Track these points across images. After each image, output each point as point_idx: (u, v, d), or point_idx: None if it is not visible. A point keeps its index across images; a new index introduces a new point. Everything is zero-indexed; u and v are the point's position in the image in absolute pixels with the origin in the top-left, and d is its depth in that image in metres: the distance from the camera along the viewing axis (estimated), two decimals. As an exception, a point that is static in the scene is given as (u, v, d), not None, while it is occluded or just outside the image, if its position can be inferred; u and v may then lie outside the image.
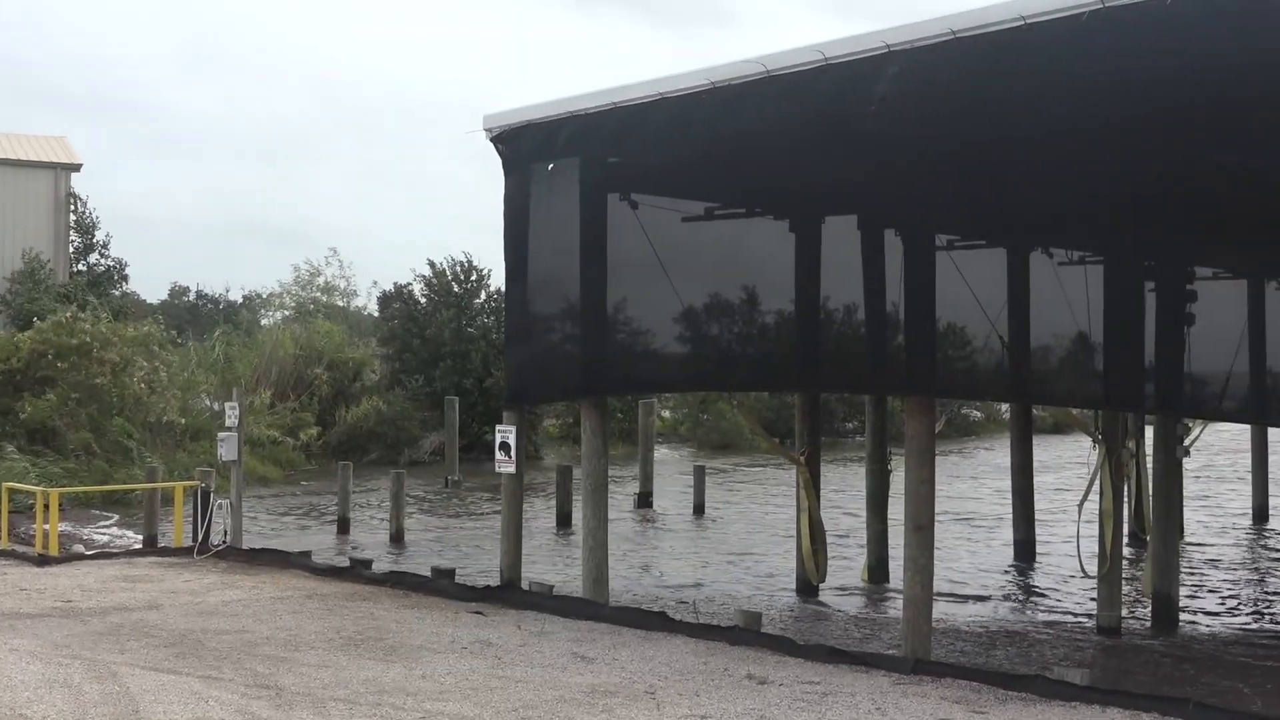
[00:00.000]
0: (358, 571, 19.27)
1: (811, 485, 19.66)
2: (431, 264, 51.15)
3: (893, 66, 14.13)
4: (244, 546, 21.57)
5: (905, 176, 14.80)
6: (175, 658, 13.48)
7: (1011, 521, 24.91)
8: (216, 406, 36.61)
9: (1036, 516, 24.91)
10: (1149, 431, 21.53)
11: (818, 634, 16.92)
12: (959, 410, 56.94)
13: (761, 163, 16.36)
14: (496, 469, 19.15)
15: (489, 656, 13.77)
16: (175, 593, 17.52)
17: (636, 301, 18.21)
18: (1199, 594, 20.92)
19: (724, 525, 29.71)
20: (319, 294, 66.26)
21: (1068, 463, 40.80)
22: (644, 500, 33.55)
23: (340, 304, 67.24)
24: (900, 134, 14.45)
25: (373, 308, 67.61)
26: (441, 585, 18.05)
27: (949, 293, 14.88)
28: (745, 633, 15.00)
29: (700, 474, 32.98)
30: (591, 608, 16.62)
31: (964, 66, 13.81)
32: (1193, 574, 22.82)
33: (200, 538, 21.21)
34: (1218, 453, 46.51)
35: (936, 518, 15.19)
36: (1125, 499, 19.13)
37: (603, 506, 17.93)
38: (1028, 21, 12.98)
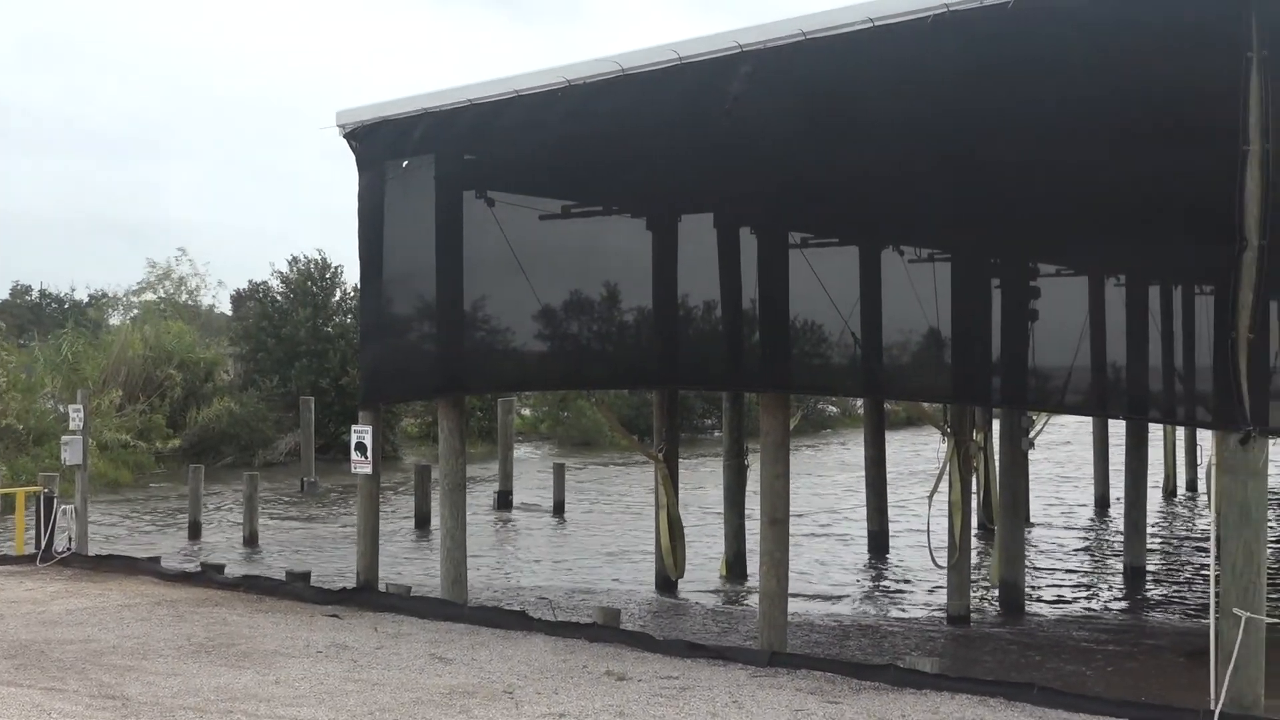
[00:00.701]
0: (209, 576, 18.82)
1: (670, 482, 19.79)
2: (291, 260, 50.34)
3: (745, 66, 14.28)
4: (90, 553, 20.90)
5: (759, 175, 14.95)
6: (15, 669, 13.01)
7: (865, 515, 25.40)
8: (62, 409, 35.47)
9: (890, 509, 25.46)
10: (997, 424, 22.10)
11: (676, 629, 17.04)
12: (815, 405, 57.92)
13: (618, 161, 16.39)
14: (352, 470, 18.92)
15: (345, 660, 13.57)
16: (16, 602, 16.91)
17: (495, 300, 18.11)
18: (1045, 581, 21.58)
19: (584, 523, 29.76)
20: (169, 293, 64.60)
21: (922, 456, 41.73)
22: (504, 499, 33.45)
23: (191, 303, 65.65)
24: (754, 133, 14.60)
25: (225, 307, 66.18)
26: (296, 589, 17.73)
27: (804, 290, 15.06)
28: (604, 629, 15.03)
29: (560, 472, 32.98)
30: (450, 608, 16.48)
31: (815, 67, 14.02)
32: (1040, 562, 23.54)
33: (43, 545, 20.51)
34: (1061, 444, 48.01)
35: (793, 512, 15.40)
36: (974, 490, 19.64)
37: (461, 506, 17.80)
38: (876, 24, 13.22)
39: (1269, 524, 12.82)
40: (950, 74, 13.28)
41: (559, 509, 31.68)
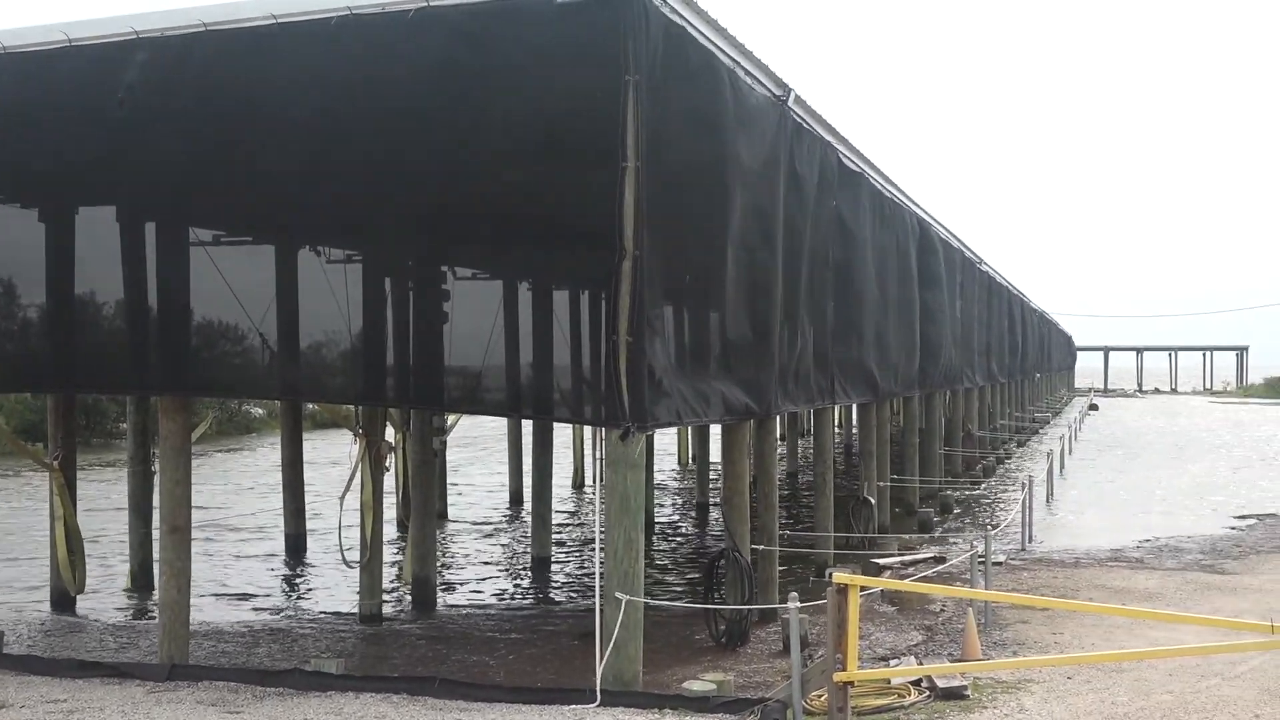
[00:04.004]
0: None
1: (66, 491, 18.50)
2: None
3: (142, 54, 13.65)
4: None
5: (160, 169, 14.34)
6: None
7: (282, 517, 25.02)
8: None
9: (309, 512, 25.24)
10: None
11: (70, 648, 15.96)
12: (241, 407, 56.31)
13: (5, 147, 15.14)
14: None
15: None
16: None
17: None
18: (458, 576, 22.22)
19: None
20: None
21: (341, 457, 41.63)
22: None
23: None
24: (155, 124, 14.00)
25: None
26: None
27: (215, 289, 14.61)
28: (-17, 655, 13.84)
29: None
30: None
31: (218, 60, 13.65)
32: (454, 558, 24.20)
33: None
34: (480, 439, 49.67)
35: (209, 517, 14.88)
36: (388, 489, 19.85)
37: None
38: (280, 21, 13.08)
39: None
40: (356, 76, 13.36)
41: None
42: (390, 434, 19.37)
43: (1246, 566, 20.87)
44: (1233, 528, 26.51)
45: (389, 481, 20.15)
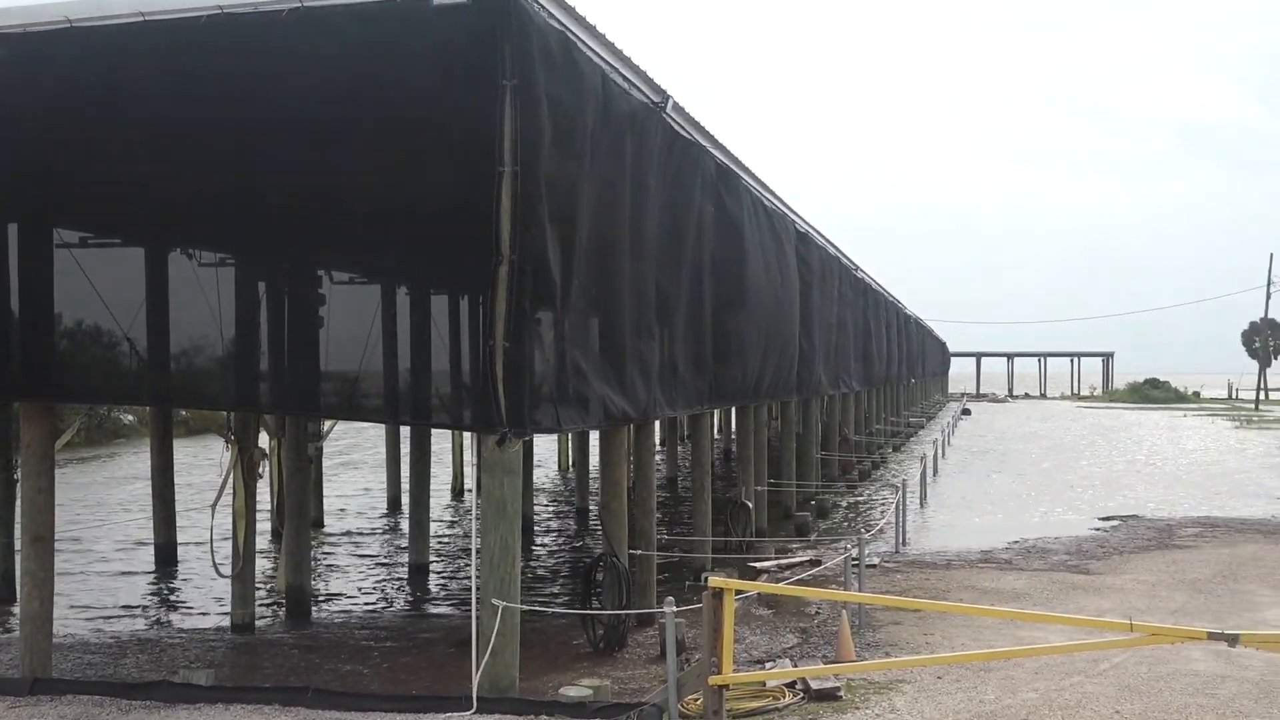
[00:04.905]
0: None
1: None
2: None
3: (2, 50, 13.24)
4: None
5: (24, 168, 13.94)
6: None
7: (152, 526, 24.45)
8: None
9: (179, 520, 24.70)
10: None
11: (-75, 664, 15.41)
12: (109, 413, 54.90)
13: None
14: None
15: None
16: None
17: None
18: (334, 584, 21.92)
19: None
20: None
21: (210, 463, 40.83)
22: None
23: None
24: (17, 123, 13.59)
25: None
26: None
27: (82, 292, 14.24)
28: None
29: None
30: None
31: (83, 57, 13.29)
32: (330, 565, 23.87)
33: None
34: (357, 444, 49.12)
35: (76, 527, 14.48)
36: (263, 497, 19.51)
37: None
38: (148, 18, 12.79)
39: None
40: (229, 77, 13.11)
41: None
42: (265, 440, 19.03)
43: (1109, 567, 21.47)
44: (1097, 529, 27.26)
45: (263, 489, 19.82)
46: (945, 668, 13.48)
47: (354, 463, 45.39)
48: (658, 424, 32.06)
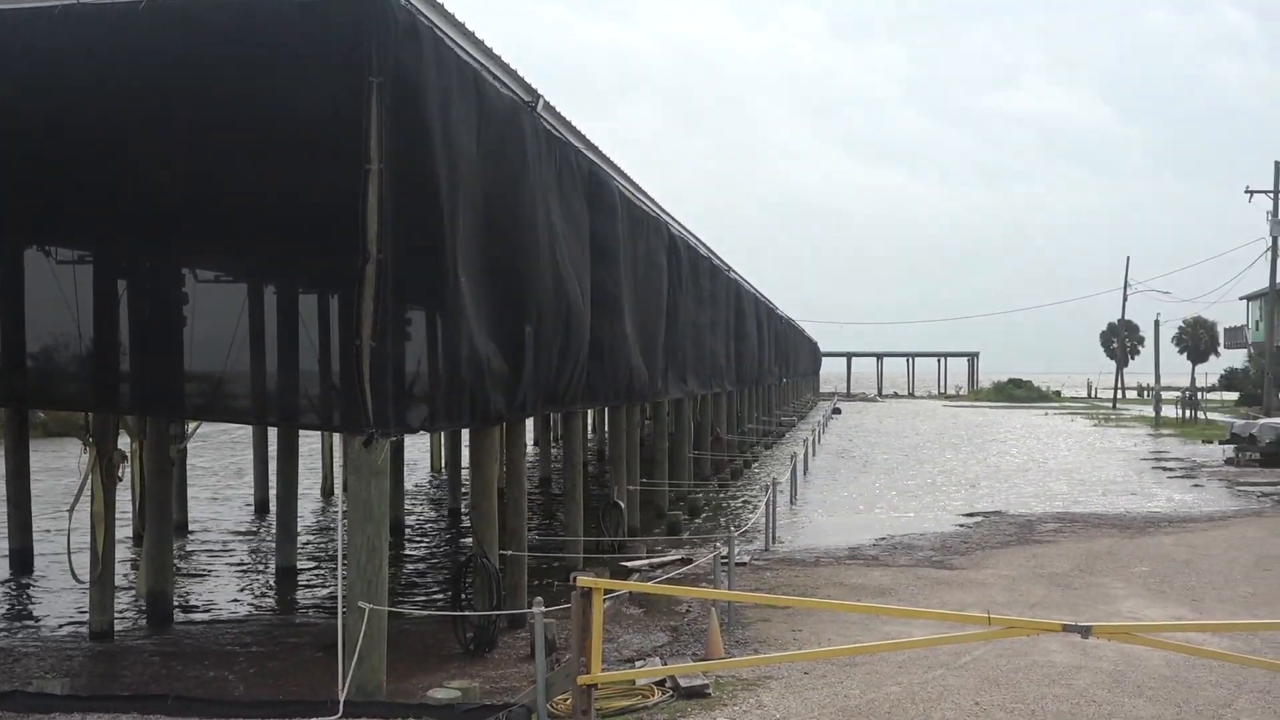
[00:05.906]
0: None
1: None
2: None
3: None
4: None
5: None
6: None
7: (6, 532, 23.68)
8: None
9: (34, 525, 23.96)
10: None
11: None
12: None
13: None
14: None
15: None
16: None
17: None
18: (198, 588, 21.45)
19: None
20: None
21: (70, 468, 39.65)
22: None
23: None
24: None
25: None
26: None
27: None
28: None
29: None
30: None
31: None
32: (194, 569, 23.36)
33: None
34: (225, 444, 47.97)
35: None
36: (124, 500, 19.02)
37: None
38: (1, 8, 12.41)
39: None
40: (85, 69, 12.79)
41: None
42: (126, 442, 18.53)
43: (972, 562, 21.97)
44: (961, 525, 27.88)
45: (124, 492, 19.31)
46: (812, 663, 13.67)
47: (233, 463, 44.40)
48: (530, 423, 32.00)
